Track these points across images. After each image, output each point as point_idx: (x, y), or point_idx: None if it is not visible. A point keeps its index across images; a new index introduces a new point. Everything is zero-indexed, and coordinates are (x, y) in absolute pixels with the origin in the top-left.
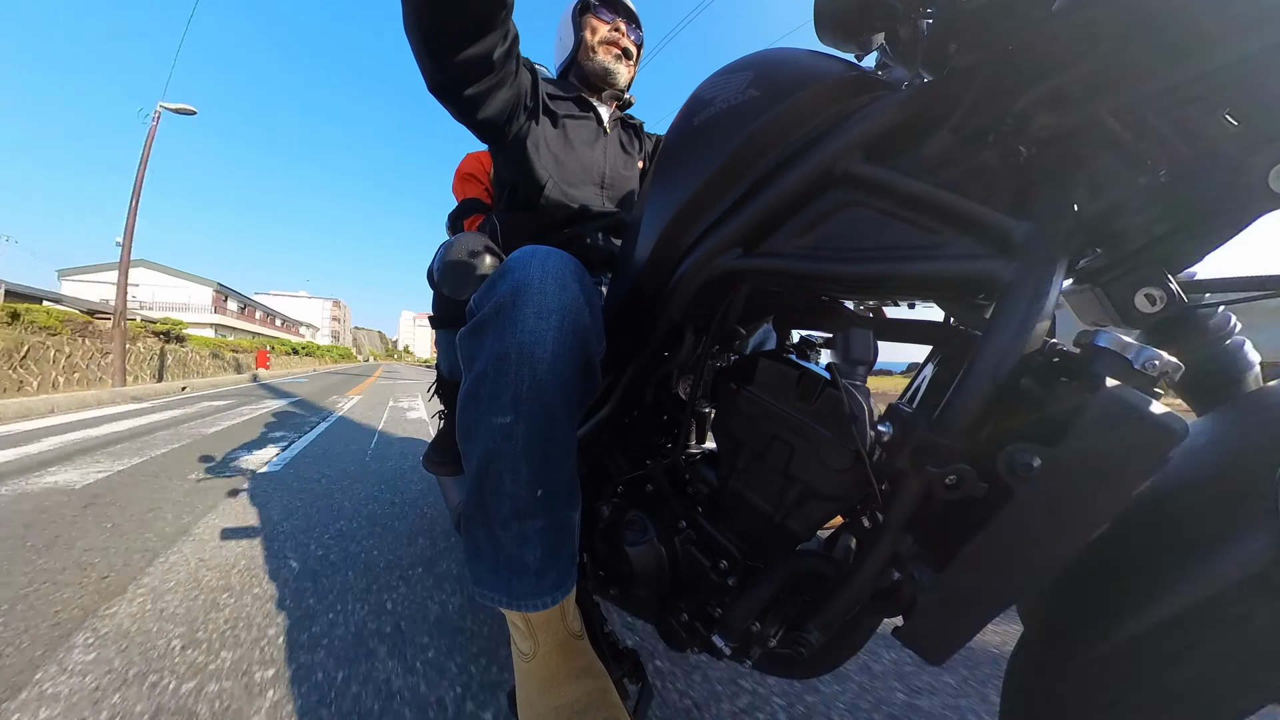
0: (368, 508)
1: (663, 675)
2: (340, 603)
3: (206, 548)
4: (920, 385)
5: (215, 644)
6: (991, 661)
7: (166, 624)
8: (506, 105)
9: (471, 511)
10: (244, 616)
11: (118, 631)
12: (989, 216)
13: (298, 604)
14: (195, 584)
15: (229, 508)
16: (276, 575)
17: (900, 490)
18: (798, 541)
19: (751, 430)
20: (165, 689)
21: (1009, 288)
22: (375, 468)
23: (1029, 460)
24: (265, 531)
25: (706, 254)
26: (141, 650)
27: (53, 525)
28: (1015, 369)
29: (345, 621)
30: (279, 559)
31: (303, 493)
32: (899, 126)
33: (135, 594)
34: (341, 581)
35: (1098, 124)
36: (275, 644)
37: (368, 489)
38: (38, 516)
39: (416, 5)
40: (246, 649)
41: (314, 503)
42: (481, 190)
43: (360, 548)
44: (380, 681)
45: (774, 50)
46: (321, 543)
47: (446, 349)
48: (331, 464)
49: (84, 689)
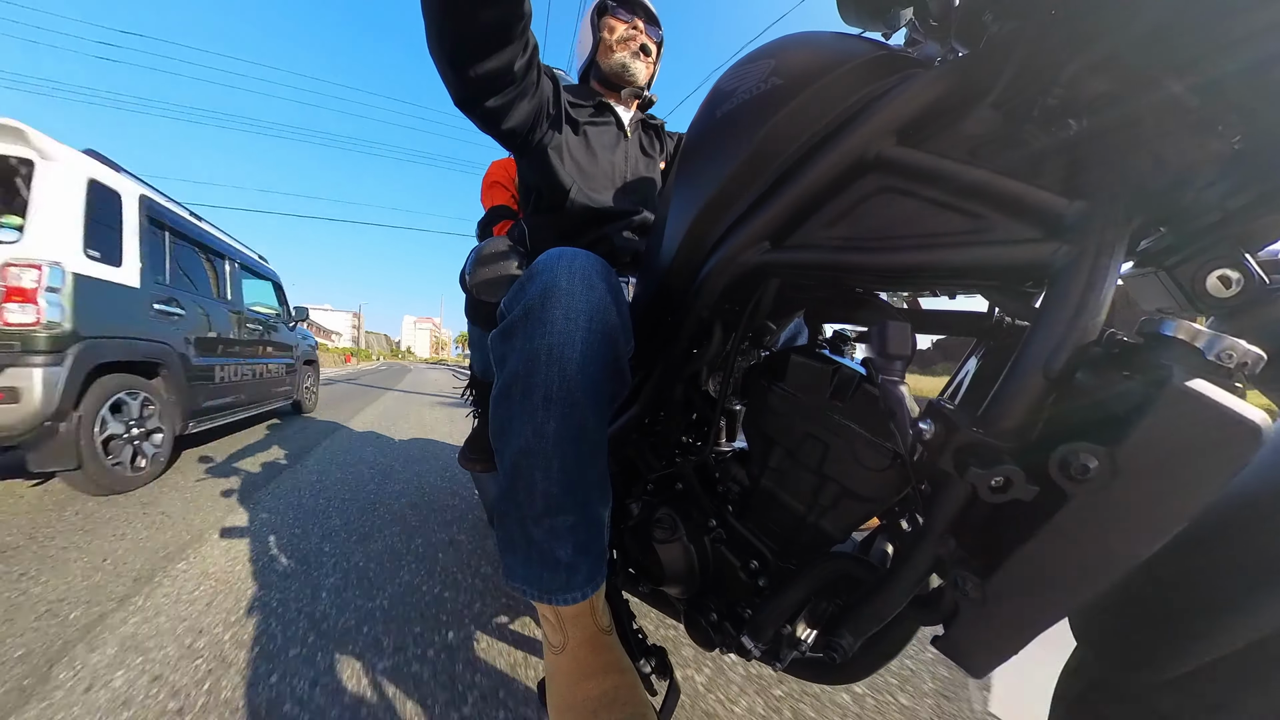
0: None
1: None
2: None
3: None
4: (963, 381)
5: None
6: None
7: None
8: (529, 115)
9: (505, 507)
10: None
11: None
12: (1037, 196)
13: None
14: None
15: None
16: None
17: (942, 492)
18: (832, 543)
19: (783, 428)
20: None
21: (1061, 273)
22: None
23: (1085, 461)
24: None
25: (733, 249)
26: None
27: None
28: (1069, 361)
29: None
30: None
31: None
32: (934, 105)
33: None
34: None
35: (1159, 87)
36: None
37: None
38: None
39: (439, 23)
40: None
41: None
42: (508, 196)
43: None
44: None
45: (796, 35)
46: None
47: (480, 350)
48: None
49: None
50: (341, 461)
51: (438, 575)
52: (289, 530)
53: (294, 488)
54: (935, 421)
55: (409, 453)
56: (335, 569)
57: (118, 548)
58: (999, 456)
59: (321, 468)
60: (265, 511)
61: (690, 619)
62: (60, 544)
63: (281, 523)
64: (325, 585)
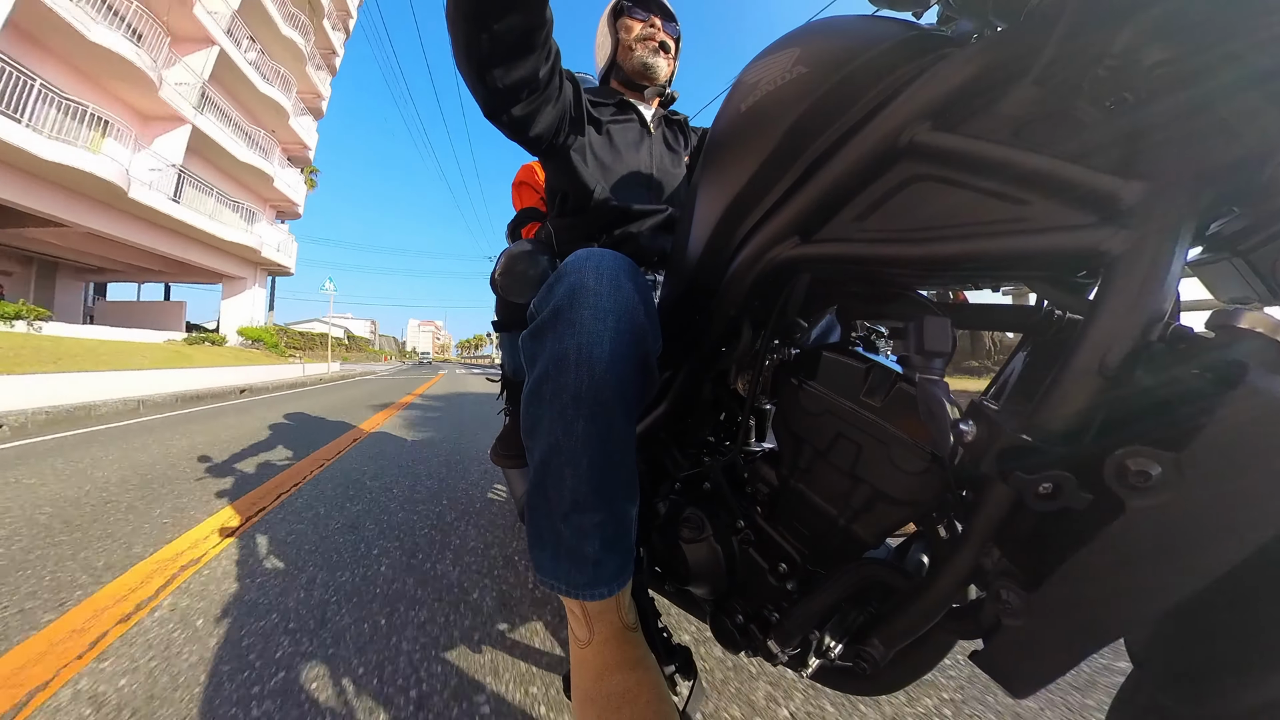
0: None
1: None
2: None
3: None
4: (1008, 379)
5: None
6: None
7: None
8: (554, 120)
9: (534, 502)
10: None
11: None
12: (1090, 177)
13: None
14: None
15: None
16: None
17: (985, 498)
18: (864, 548)
19: (815, 428)
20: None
21: (1118, 261)
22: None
23: (1146, 468)
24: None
25: (761, 244)
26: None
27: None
28: (1128, 358)
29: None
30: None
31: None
32: (970, 85)
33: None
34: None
35: (1228, 49)
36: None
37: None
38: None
39: (465, 36)
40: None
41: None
42: (536, 199)
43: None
44: None
45: (820, 21)
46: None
47: (510, 350)
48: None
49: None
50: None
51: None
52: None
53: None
54: (978, 422)
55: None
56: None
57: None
58: (1048, 461)
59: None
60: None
61: (716, 620)
62: None
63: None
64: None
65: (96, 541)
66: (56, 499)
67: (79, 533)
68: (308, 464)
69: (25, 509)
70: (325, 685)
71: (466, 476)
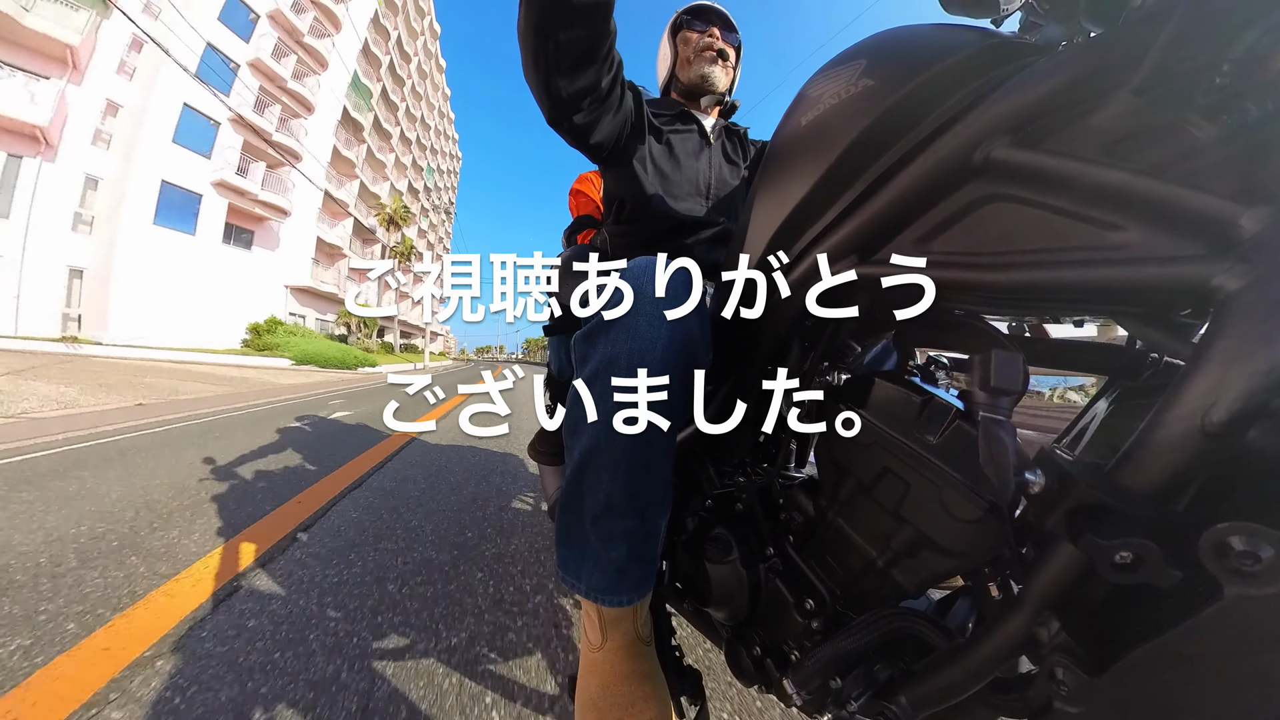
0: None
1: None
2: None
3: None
4: (1087, 426)
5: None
6: None
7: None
8: (615, 128)
9: (568, 500)
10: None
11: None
12: (1199, 202)
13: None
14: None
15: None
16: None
17: (1048, 558)
18: (903, 596)
19: (860, 459)
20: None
21: (1232, 300)
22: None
23: (1255, 549)
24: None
25: (816, 262)
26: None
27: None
28: (1238, 415)
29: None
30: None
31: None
32: (1058, 96)
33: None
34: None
35: None
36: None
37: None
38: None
39: (533, 47)
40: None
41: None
42: (592, 206)
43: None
44: None
45: (890, 31)
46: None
47: (557, 352)
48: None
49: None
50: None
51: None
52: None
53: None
54: (1048, 472)
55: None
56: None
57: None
58: (1129, 526)
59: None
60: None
61: (732, 648)
62: None
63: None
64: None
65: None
66: None
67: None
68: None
69: None
70: None
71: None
